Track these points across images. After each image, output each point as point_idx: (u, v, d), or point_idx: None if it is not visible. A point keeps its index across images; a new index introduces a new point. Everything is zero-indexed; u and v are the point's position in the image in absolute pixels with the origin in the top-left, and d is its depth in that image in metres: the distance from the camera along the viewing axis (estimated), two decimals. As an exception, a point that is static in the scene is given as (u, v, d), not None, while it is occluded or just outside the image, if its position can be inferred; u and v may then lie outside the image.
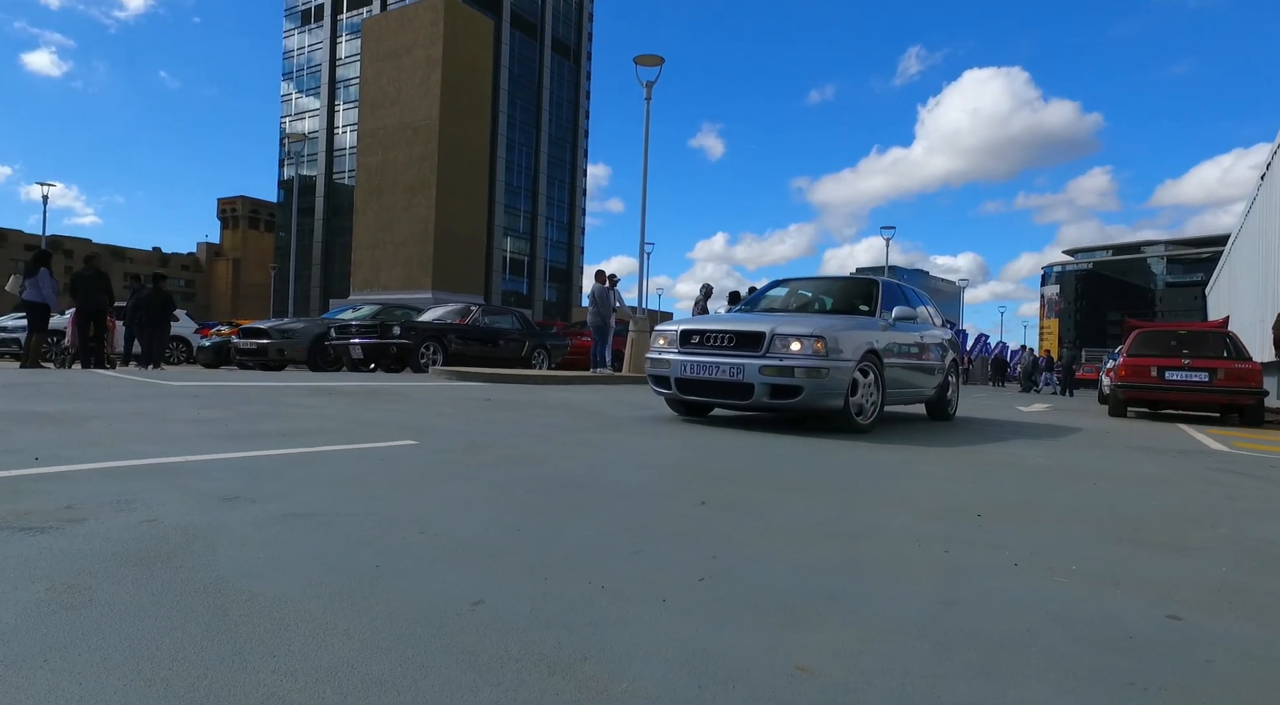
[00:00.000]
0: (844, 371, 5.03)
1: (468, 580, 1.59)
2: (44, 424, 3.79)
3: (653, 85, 13.09)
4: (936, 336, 6.85)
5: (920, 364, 6.35)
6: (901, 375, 5.96)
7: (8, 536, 1.74)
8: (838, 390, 5.03)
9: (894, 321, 5.88)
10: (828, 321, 5.40)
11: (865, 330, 5.46)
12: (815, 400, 4.99)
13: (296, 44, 69.21)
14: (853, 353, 5.12)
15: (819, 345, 4.97)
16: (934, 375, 6.66)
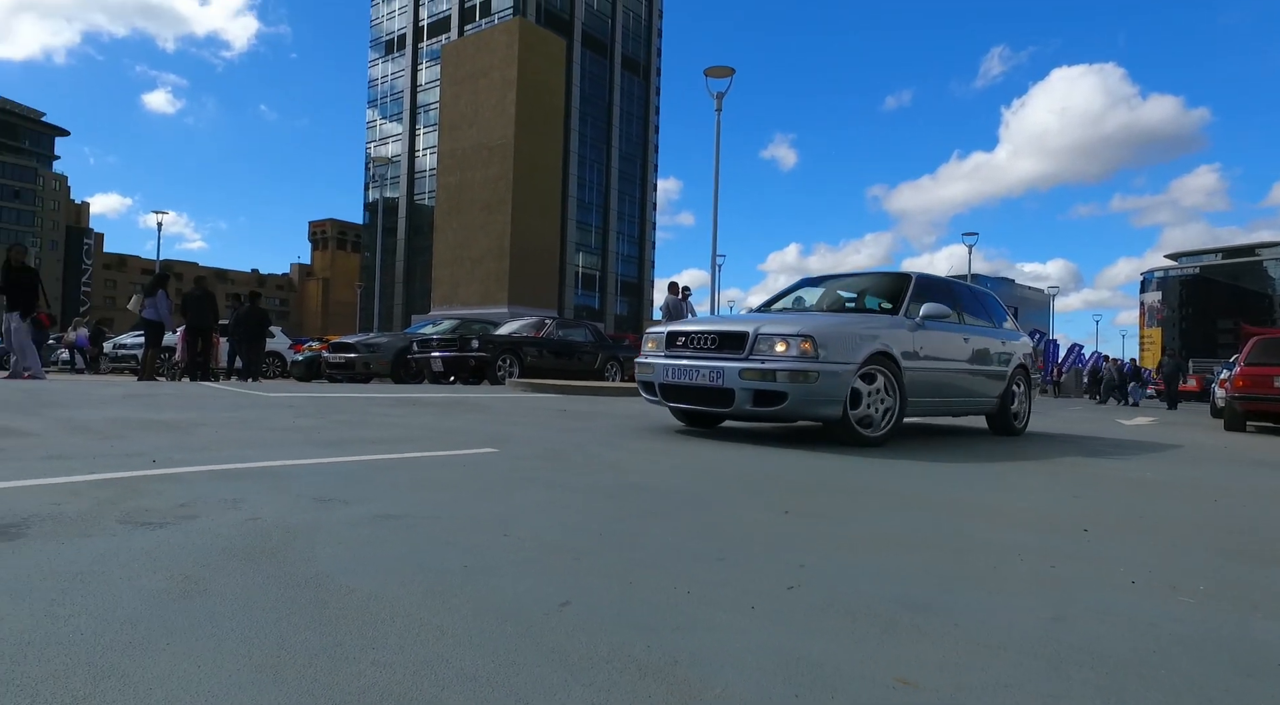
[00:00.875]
0: (840, 376, 4.48)
1: (553, 582, 1.60)
2: (159, 430, 4.07)
3: (723, 97, 13.07)
4: (993, 340, 6.11)
5: (965, 369, 5.64)
6: (935, 381, 5.29)
7: (131, 531, 1.87)
8: (832, 397, 4.47)
9: (922, 321, 5.19)
10: (823, 319, 4.94)
11: (874, 330, 4.84)
12: (803, 407, 4.48)
13: (380, 73, 72.76)
14: (851, 355, 4.56)
15: (806, 346, 4.48)
16: (989, 383, 5.96)
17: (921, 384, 5.11)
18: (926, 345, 5.21)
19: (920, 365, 5.08)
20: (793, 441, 4.92)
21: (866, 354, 4.62)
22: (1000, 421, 6.27)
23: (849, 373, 4.53)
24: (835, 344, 4.55)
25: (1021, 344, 6.62)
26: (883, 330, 4.89)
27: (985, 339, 6.01)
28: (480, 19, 63.30)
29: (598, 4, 70.52)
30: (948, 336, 5.52)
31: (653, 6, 77.10)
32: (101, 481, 2.51)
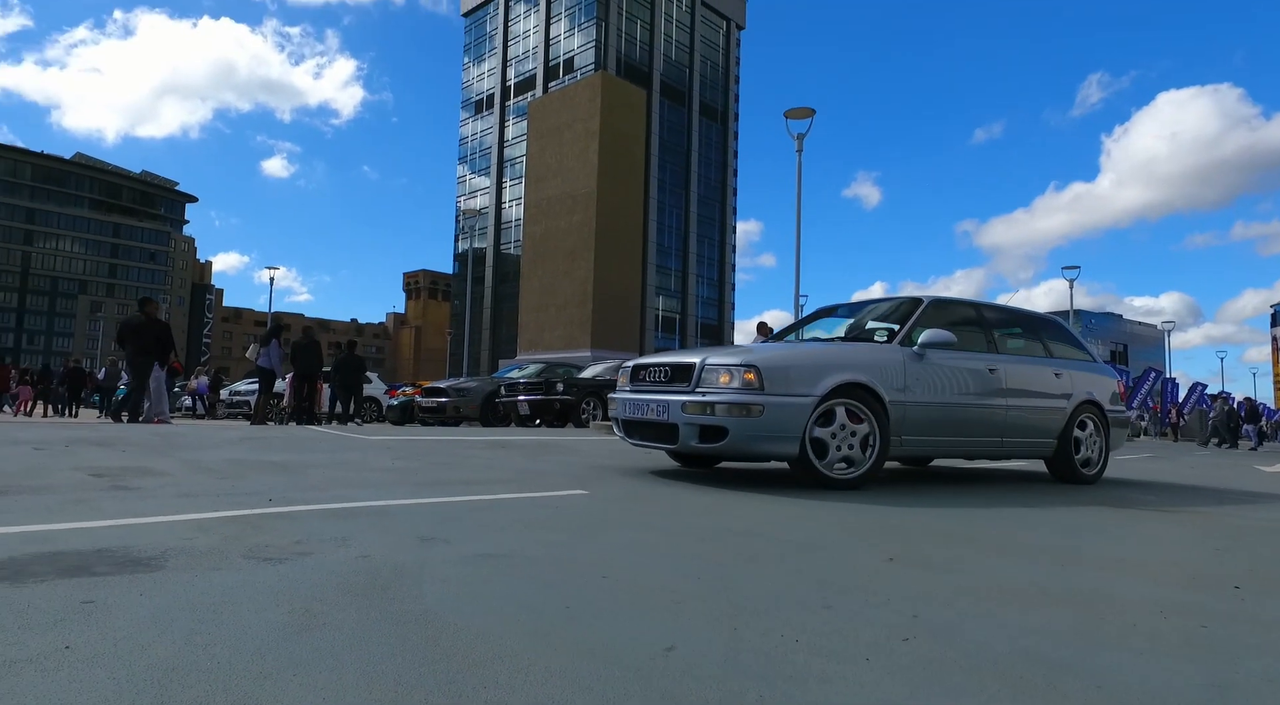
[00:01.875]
0: (792, 409, 4.06)
1: (656, 625, 1.57)
2: (273, 471, 4.32)
3: (804, 137, 13.09)
4: (1042, 371, 5.32)
5: (995, 405, 4.92)
6: (944, 418, 4.68)
7: (255, 565, 1.97)
8: (782, 432, 4.06)
9: (921, 350, 4.61)
10: (782, 349, 4.55)
11: (846, 360, 4.36)
12: (747, 444, 4.09)
13: (470, 130, 77.01)
14: (808, 387, 4.11)
15: (750, 377, 4.10)
16: (1038, 421, 5.17)
17: (921, 421, 4.52)
18: (927, 376, 4.62)
19: (919, 399, 4.52)
20: (891, 487, 4.72)
21: (830, 386, 4.15)
22: (1061, 466, 5.37)
23: (804, 406, 4.09)
24: (786, 375, 4.16)
25: (1090, 378, 5.63)
26: (860, 360, 4.43)
27: (1029, 370, 5.25)
28: (564, 76, 66.27)
29: (675, 55, 72.64)
30: (962, 367, 4.86)
31: (730, 55, 78.71)
32: (226, 519, 2.67)
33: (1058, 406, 5.29)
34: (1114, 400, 5.79)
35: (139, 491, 3.26)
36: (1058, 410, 5.28)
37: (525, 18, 72.39)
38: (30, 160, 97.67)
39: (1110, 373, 5.97)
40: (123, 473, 3.85)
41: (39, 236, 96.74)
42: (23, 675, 1.15)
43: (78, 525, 2.41)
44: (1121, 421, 5.89)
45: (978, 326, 5.30)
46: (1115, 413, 5.76)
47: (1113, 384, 5.86)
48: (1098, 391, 5.60)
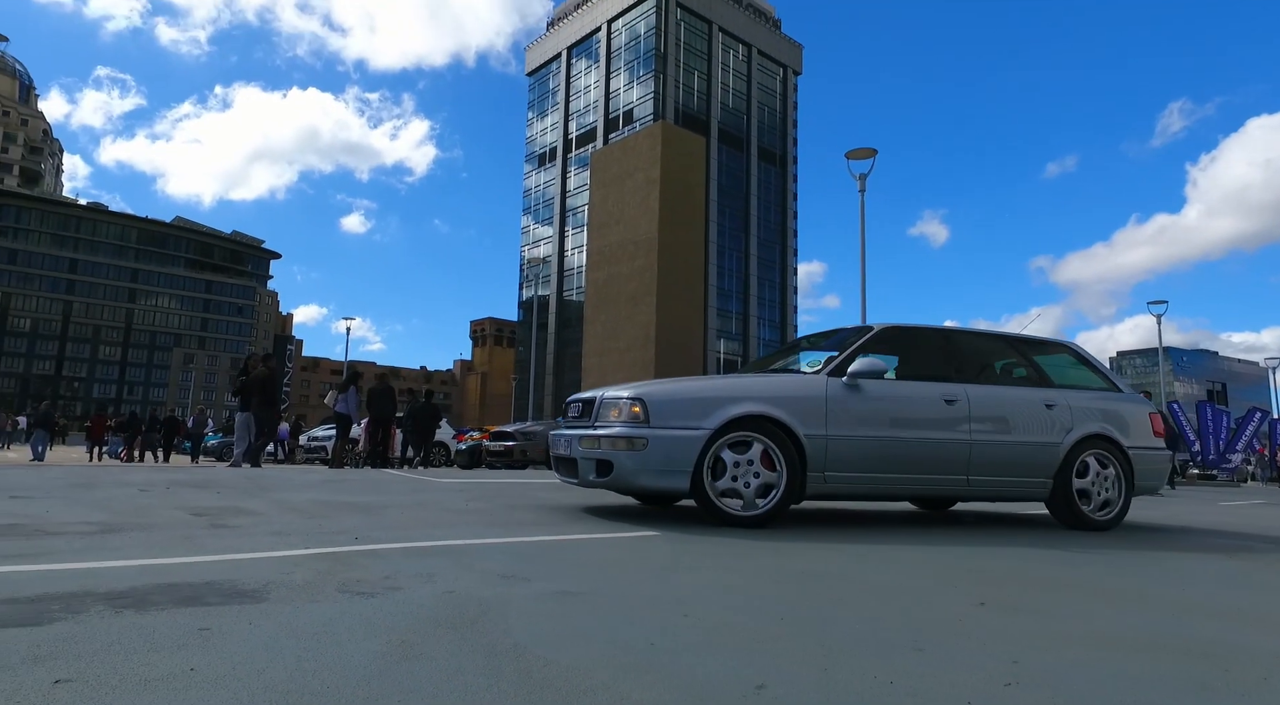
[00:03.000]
0: (681, 443, 3.92)
1: (744, 663, 1.56)
2: (355, 512, 4.48)
3: (866, 177, 13.06)
4: (1028, 400, 4.73)
5: (955, 440, 4.42)
6: (882, 453, 4.28)
7: (349, 598, 2.05)
8: (670, 466, 3.91)
9: (852, 380, 4.25)
10: (678, 382, 4.38)
11: (752, 390, 4.15)
12: (634, 478, 3.97)
13: (534, 182, 79.78)
14: (699, 420, 3.95)
15: (636, 410, 4.01)
16: (1023, 457, 4.60)
17: (850, 456, 4.18)
18: (859, 408, 4.26)
19: (847, 432, 4.18)
20: (981, 528, 4.53)
21: (726, 418, 3.95)
22: (1062, 509, 4.72)
23: (695, 440, 3.92)
24: (674, 407, 4.04)
25: (1103, 410, 4.88)
26: (769, 391, 4.18)
27: (1003, 400, 4.70)
28: (623, 127, 68.24)
29: (733, 102, 73.99)
30: (909, 397, 4.49)
31: (787, 100, 79.64)
32: (318, 555, 2.79)
33: (1049, 442, 4.66)
34: (1140, 435, 4.97)
35: (236, 529, 3.43)
36: (1048, 446, 4.65)
37: (586, 73, 75.27)
38: (136, 225, 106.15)
39: (1138, 403, 5.17)
40: (220, 512, 4.06)
41: (141, 294, 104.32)
42: (159, 692, 1.23)
43: (185, 560, 2.56)
44: (1153, 460, 4.99)
45: (943, 354, 4.93)
46: (1142, 450, 4.91)
47: (1140, 416, 5.04)
48: (1114, 425, 4.85)
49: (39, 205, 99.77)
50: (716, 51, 73.03)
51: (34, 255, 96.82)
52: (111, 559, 2.49)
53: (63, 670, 1.32)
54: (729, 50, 74.46)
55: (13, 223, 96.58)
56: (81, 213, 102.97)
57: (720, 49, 73.42)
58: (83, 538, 2.92)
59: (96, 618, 1.70)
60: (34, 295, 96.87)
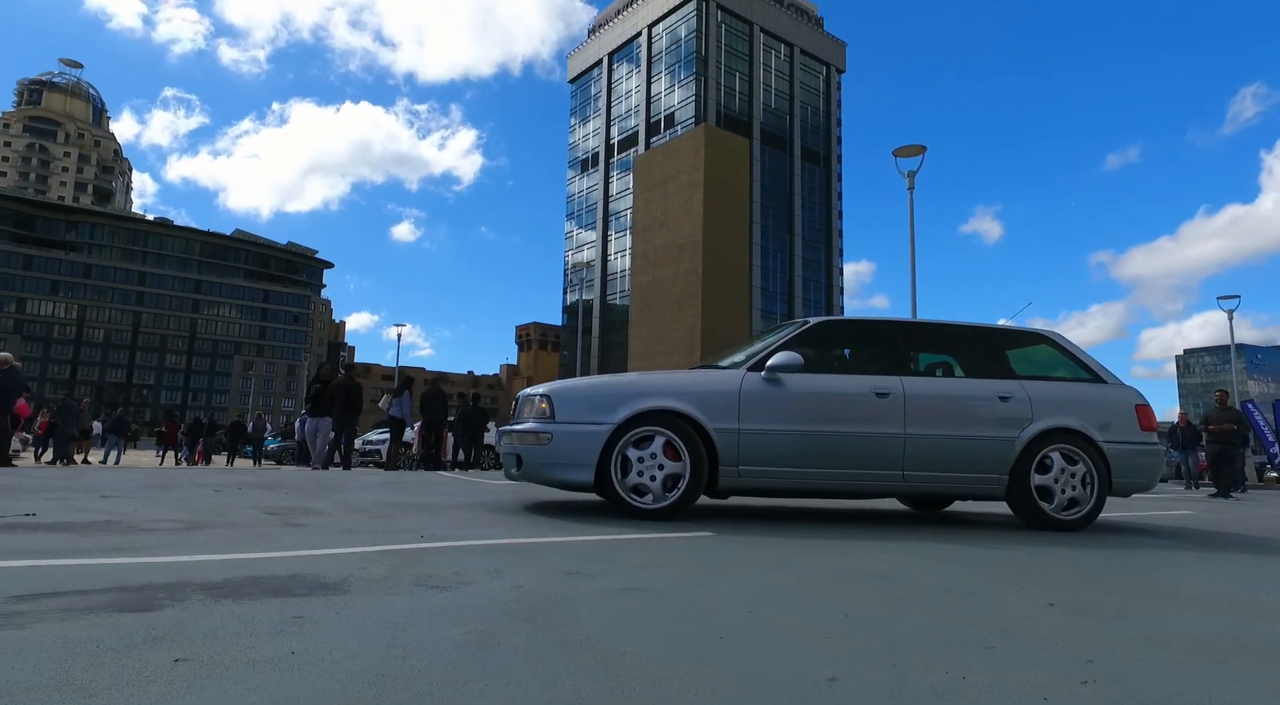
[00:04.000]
0: (584, 437, 4.05)
1: (813, 658, 1.59)
2: (416, 511, 4.62)
3: (915, 175, 12.84)
4: (972, 393, 4.54)
5: (883, 434, 4.31)
6: (800, 448, 4.24)
7: (425, 592, 2.14)
8: (574, 460, 4.06)
9: (771, 375, 4.27)
10: (592, 378, 4.51)
11: (660, 386, 4.23)
12: (540, 471, 4.19)
13: (577, 188, 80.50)
14: (603, 415, 4.08)
15: (544, 406, 4.21)
16: (968, 452, 4.41)
17: (765, 451, 4.20)
18: (778, 402, 4.25)
19: (762, 427, 4.21)
20: (1021, 535, 4.43)
21: (629, 414, 4.08)
22: (1022, 507, 4.48)
23: (598, 434, 4.04)
24: (580, 403, 4.19)
25: (1074, 402, 4.59)
26: (679, 387, 4.24)
27: (945, 392, 4.55)
28: (665, 130, 68.41)
29: (775, 103, 73.44)
30: (833, 391, 4.41)
31: (830, 99, 78.70)
32: (388, 552, 2.90)
33: (1000, 436, 4.43)
34: (1120, 429, 4.59)
35: (308, 528, 3.59)
36: (1000, 440, 4.42)
37: (627, 78, 75.68)
38: (199, 238, 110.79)
39: (1121, 395, 4.75)
40: (291, 512, 4.24)
41: (204, 304, 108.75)
42: (266, 672, 1.33)
43: (267, 555, 2.70)
44: (1134, 454, 4.58)
45: (884, 346, 4.79)
46: (1121, 445, 4.55)
47: (1122, 409, 4.67)
48: (1085, 418, 4.53)
49: (111, 221, 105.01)
50: (758, 52, 72.62)
51: (107, 269, 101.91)
52: (200, 553, 2.64)
53: (179, 651, 1.42)
54: (770, 51, 73.96)
55: (88, 239, 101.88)
56: (149, 228, 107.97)
57: (761, 50, 73.00)
58: (171, 534, 3.10)
59: (198, 606, 1.82)
60: (107, 307, 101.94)
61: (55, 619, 1.62)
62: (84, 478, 6.59)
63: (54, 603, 1.77)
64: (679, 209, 20.97)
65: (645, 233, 22.33)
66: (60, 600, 1.80)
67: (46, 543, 2.71)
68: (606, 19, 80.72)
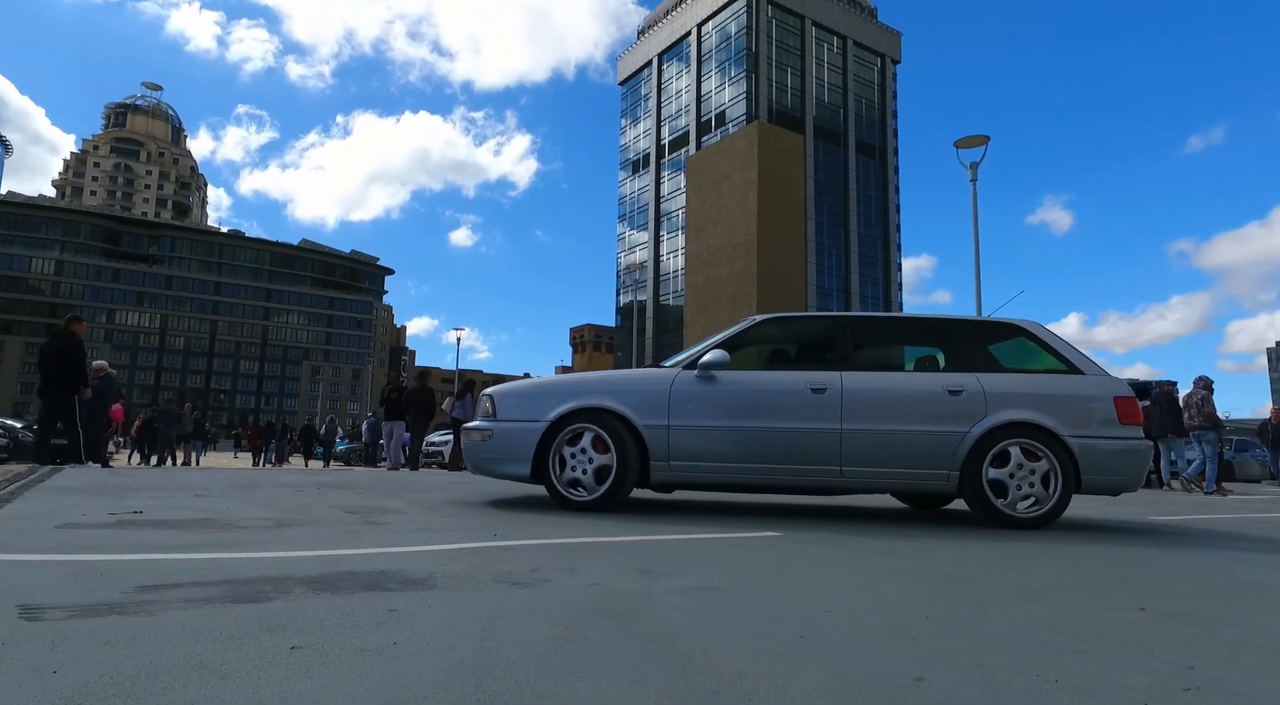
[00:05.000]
0: (520, 434, 4.43)
1: (897, 657, 1.59)
2: (486, 511, 4.74)
3: (977, 166, 12.46)
4: (917, 387, 4.44)
5: (817, 430, 4.32)
6: (733, 444, 4.37)
7: (507, 588, 2.22)
8: (511, 455, 4.45)
9: (704, 372, 4.43)
10: (527, 381, 4.89)
11: (594, 386, 4.55)
12: (483, 465, 4.63)
13: (628, 189, 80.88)
14: (536, 413, 4.44)
15: (487, 405, 4.65)
16: (915, 446, 4.32)
17: (695, 446, 4.38)
18: (709, 400, 4.40)
19: (692, 423, 4.39)
20: (1123, 531, 4.27)
21: (560, 412, 4.40)
22: (977, 504, 4.32)
23: (533, 431, 4.39)
24: (518, 403, 4.58)
25: (1038, 395, 4.38)
26: (612, 386, 4.53)
27: (887, 387, 4.47)
28: (715, 129, 68.09)
29: (828, 97, 72.26)
30: (767, 388, 4.48)
31: (885, 91, 76.99)
32: (466, 549, 3.00)
33: (947, 431, 4.31)
34: (1091, 422, 4.34)
35: (387, 526, 3.74)
36: (948, 435, 4.30)
37: (678, 78, 75.65)
38: (269, 248, 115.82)
39: (1097, 387, 4.45)
40: (369, 510, 4.42)
41: (274, 312, 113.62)
42: (374, 661, 1.41)
43: (354, 551, 2.83)
44: (1110, 450, 4.31)
45: (828, 342, 4.78)
46: (1091, 439, 4.29)
47: (1096, 402, 4.39)
48: (1049, 411, 4.32)
49: (189, 235, 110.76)
50: (810, 46, 71.60)
51: (186, 280, 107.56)
52: (293, 549, 2.79)
53: (293, 640, 1.52)
54: (823, 44, 72.82)
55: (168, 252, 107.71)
56: (223, 240, 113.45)
57: (814, 43, 71.94)
58: (264, 531, 3.28)
59: (301, 598, 1.93)
60: (186, 316, 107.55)
61: (179, 608, 1.75)
62: (177, 478, 7.00)
63: (175, 593, 1.91)
64: (733, 207, 20.91)
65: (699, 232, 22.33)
66: (179, 591, 1.94)
67: (156, 538, 2.91)
68: (655, 19, 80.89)
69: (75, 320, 9.00)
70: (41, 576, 2.08)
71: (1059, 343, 4.68)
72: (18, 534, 2.85)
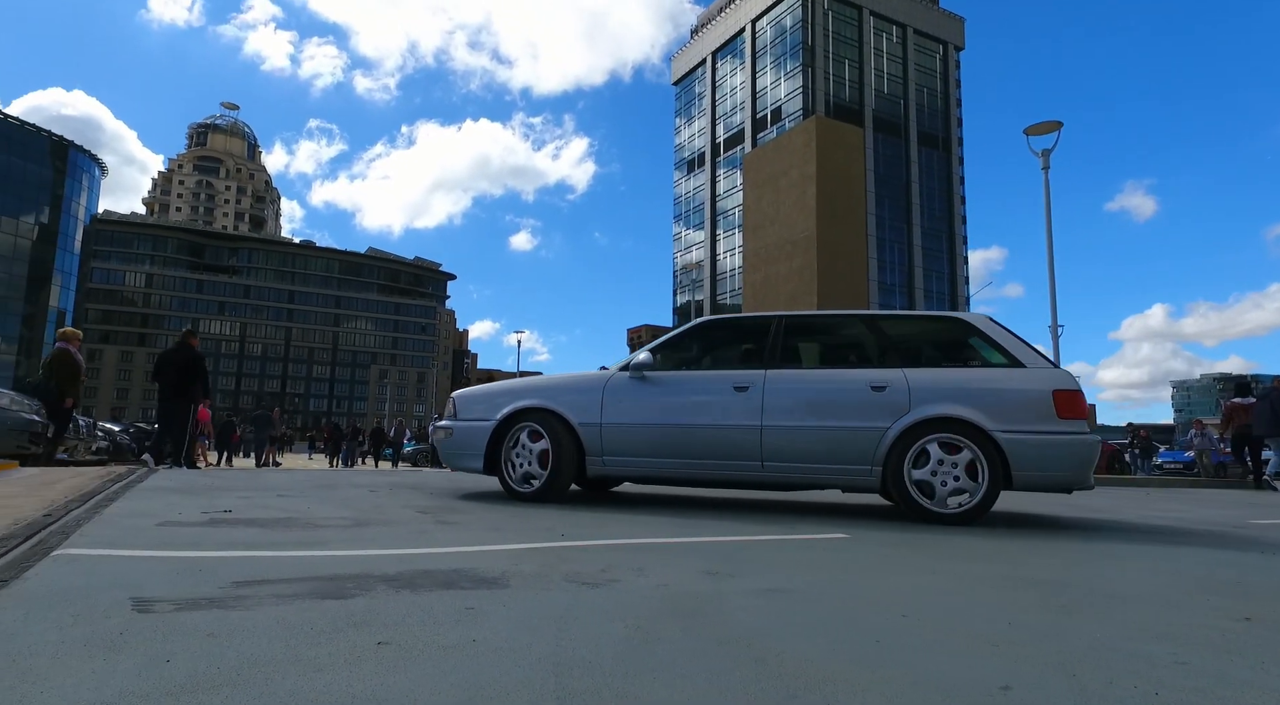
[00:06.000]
0: (473, 432, 4.99)
1: (981, 664, 1.54)
2: (550, 512, 4.81)
3: (1050, 153, 11.94)
4: (838, 387, 4.49)
5: (738, 427, 4.51)
6: (659, 440, 4.67)
7: (577, 588, 2.25)
8: (468, 450, 5.01)
9: (635, 373, 4.78)
10: (487, 385, 5.38)
11: (537, 387, 5.00)
12: (448, 460, 5.22)
13: (684, 189, 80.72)
14: (487, 413, 4.98)
15: (451, 406, 5.19)
16: (834, 442, 4.39)
17: (625, 442, 4.72)
18: (639, 399, 4.74)
19: (622, 421, 4.73)
20: (1228, 539, 4.02)
21: (508, 411, 4.88)
22: (900, 500, 4.31)
23: (484, 429, 4.90)
24: (473, 404, 5.14)
25: (969, 390, 4.29)
26: (551, 387, 4.96)
27: (807, 386, 4.57)
28: (771, 125, 67.31)
29: (888, 88, 70.51)
30: (692, 387, 4.77)
31: (949, 78, 74.62)
32: (534, 549, 3.05)
33: (869, 426, 4.33)
34: (1023, 416, 4.21)
35: (458, 525, 3.83)
36: (869, 431, 4.32)
37: (732, 75, 75.11)
38: (339, 257, 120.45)
39: (1035, 381, 4.31)
40: (439, 510, 4.54)
41: (344, 318, 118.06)
42: (457, 657, 1.45)
43: (428, 551, 2.92)
44: (1042, 444, 4.17)
45: (760, 341, 4.85)
46: (1020, 433, 4.17)
47: (1030, 395, 4.26)
48: (976, 406, 4.23)
49: (264, 246, 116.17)
50: (868, 37, 70.00)
51: (262, 289, 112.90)
52: (371, 548, 2.90)
53: (378, 635, 1.58)
54: (881, 34, 71.09)
55: (246, 263, 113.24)
56: (296, 250, 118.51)
57: (872, 34, 70.31)
58: (343, 530, 3.41)
59: (383, 595, 2.00)
60: (263, 324, 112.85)
61: (272, 603, 1.84)
62: (260, 479, 7.35)
63: (266, 589, 2.00)
64: (791, 204, 20.54)
65: (757, 230, 22.04)
66: (270, 587, 2.04)
67: (245, 536, 3.06)
68: (709, 17, 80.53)
69: (191, 334, 9.69)
70: (148, 571, 2.22)
71: (1002, 336, 4.60)
72: (126, 531, 3.04)
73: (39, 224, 61.59)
